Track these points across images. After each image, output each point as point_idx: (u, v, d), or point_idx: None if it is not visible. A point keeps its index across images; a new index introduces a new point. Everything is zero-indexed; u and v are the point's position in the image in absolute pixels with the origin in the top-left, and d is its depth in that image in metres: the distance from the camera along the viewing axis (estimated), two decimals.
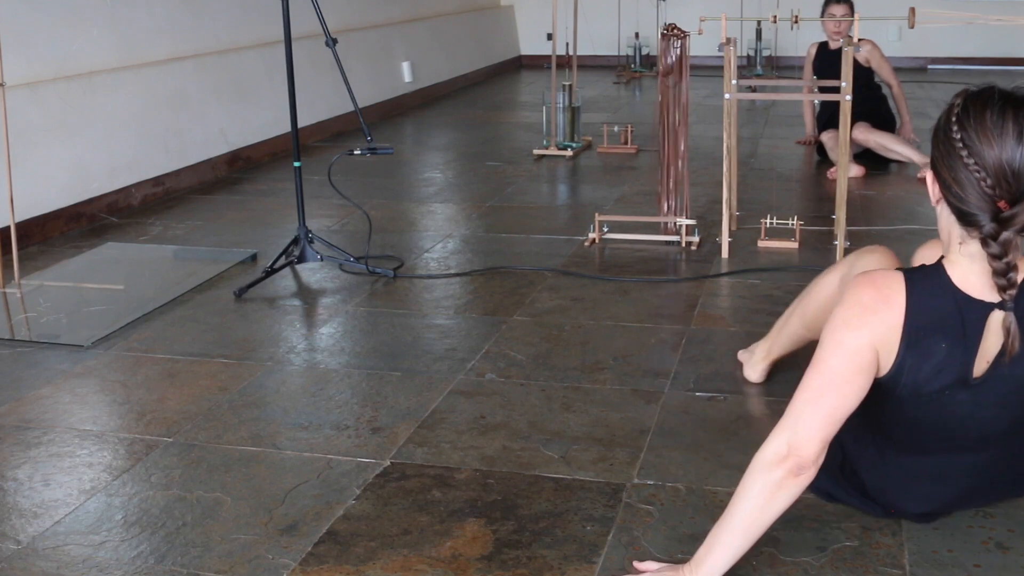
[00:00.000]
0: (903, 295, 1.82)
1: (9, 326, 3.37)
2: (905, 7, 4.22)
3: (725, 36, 4.09)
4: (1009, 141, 1.70)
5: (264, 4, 5.95)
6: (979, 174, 1.71)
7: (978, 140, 1.72)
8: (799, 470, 1.80)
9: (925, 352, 1.83)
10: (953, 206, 1.78)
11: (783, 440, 1.81)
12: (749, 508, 1.83)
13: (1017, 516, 2.11)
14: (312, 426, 2.60)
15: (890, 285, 1.84)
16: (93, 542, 2.11)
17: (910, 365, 1.84)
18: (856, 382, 1.83)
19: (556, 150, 5.91)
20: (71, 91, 4.66)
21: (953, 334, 1.82)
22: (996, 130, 1.71)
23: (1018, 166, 1.70)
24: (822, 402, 1.81)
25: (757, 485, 1.82)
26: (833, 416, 1.82)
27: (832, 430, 1.83)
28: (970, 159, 1.72)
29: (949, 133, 1.76)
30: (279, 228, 4.46)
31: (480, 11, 9.95)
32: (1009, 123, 1.71)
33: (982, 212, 1.73)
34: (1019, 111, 1.71)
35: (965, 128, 1.74)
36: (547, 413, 2.64)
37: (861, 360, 1.82)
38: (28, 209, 4.21)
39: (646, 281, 3.67)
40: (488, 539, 2.08)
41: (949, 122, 1.77)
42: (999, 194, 1.71)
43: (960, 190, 1.74)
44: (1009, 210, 1.71)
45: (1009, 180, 1.70)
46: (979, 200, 1.73)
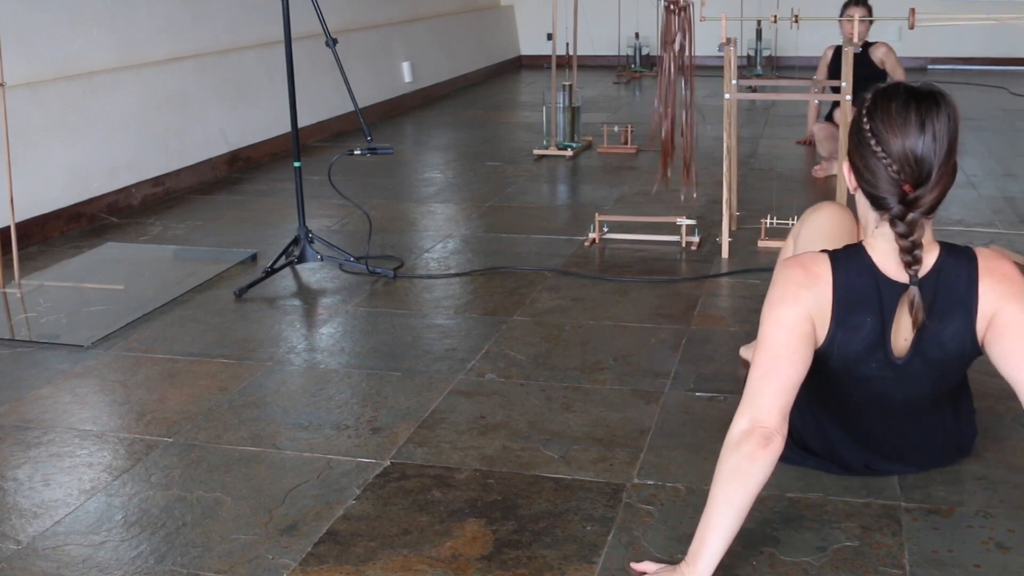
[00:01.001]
0: (830, 273, 1.99)
1: (9, 326, 3.37)
2: (905, 7, 4.22)
3: (725, 36, 4.09)
4: (912, 131, 1.87)
5: (264, 4, 5.95)
6: (886, 160, 1.89)
7: (885, 130, 1.89)
8: (766, 440, 1.87)
9: (853, 327, 1.99)
10: (866, 192, 1.96)
11: (745, 418, 1.90)
12: (728, 488, 1.86)
13: (1017, 516, 2.11)
14: (312, 426, 2.60)
15: (817, 264, 2.00)
16: (93, 542, 2.11)
17: (840, 340, 2.00)
18: (800, 351, 1.96)
19: (556, 150, 5.91)
20: (71, 91, 4.66)
21: (875, 310, 1.99)
22: (900, 120, 1.88)
23: (920, 153, 1.87)
24: (772, 375, 1.92)
25: (730, 463, 1.87)
26: (785, 386, 1.92)
27: (788, 399, 1.92)
28: (878, 147, 1.90)
29: (860, 125, 1.94)
30: (279, 228, 4.46)
31: (480, 11, 9.95)
32: (912, 115, 1.88)
33: (891, 196, 1.91)
34: (920, 104, 1.89)
35: (874, 120, 1.91)
36: (547, 413, 2.64)
37: (801, 330, 1.96)
38: (28, 209, 4.21)
39: (646, 281, 3.67)
40: (488, 539, 2.08)
41: (860, 116, 1.94)
42: (904, 178, 1.89)
43: (871, 176, 1.92)
44: (913, 192, 1.89)
45: (912, 166, 1.88)
46: (888, 185, 1.90)
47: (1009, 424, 2.50)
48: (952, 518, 2.11)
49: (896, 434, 2.20)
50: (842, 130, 3.97)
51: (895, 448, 2.23)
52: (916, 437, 2.22)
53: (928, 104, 1.88)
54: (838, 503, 2.17)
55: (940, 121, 1.87)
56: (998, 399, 2.60)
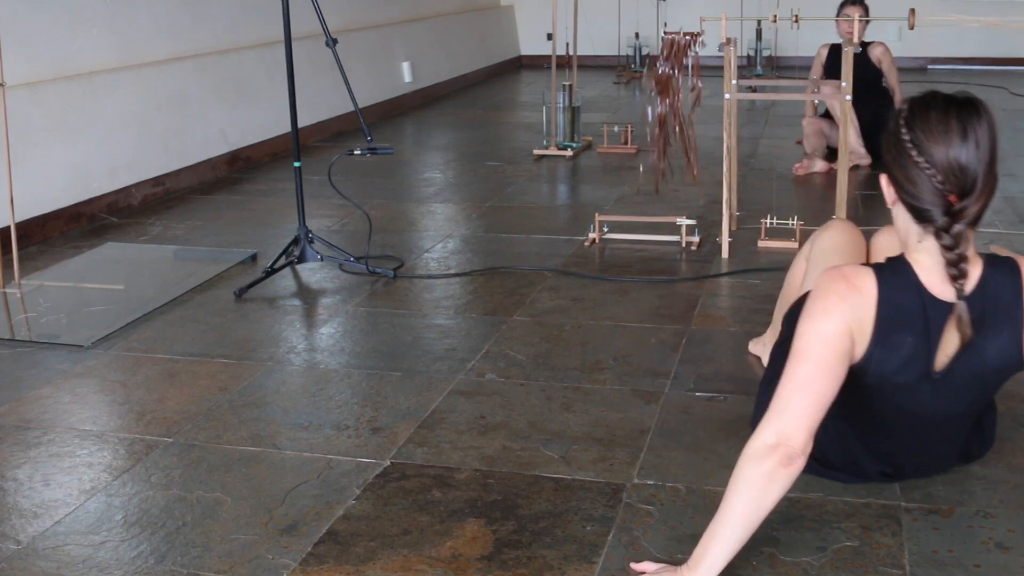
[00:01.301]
0: (875, 288, 1.92)
1: (9, 326, 3.37)
2: (905, 7, 4.22)
3: (725, 36, 4.09)
4: (954, 139, 1.82)
5: (264, 4, 5.95)
6: (929, 171, 1.83)
7: (926, 140, 1.84)
8: (789, 460, 1.82)
9: (892, 346, 1.93)
10: (908, 204, 1.89)
11: (772, 431, 1.84)
12: (742, 501, 1.83)
13: (1017, 516, 2.11)
14: (312, 426, 2.60)
15: (861, 278, 1.93)
16: (93, 542, 2.11)
17: (878, 357, 1.94)
18: (838, 368, 1.90)
19: (556, 150, 5.91)
20: (71, 91, 4.66)
21: (918, 330, 1.92)
22: (942, 128, 1.83)
23: (964, 162, 1.82)
24: (807, 390, 1.86)
25: (748, 477, 1.83)
26: (819, 403, 1.87)
27: (818, 418, 1.87)
28: (920, 158, 1.84)
29: (899, 136, 1.88)
30: (279, 228, 4.46)
31: (480, 11, 9.95)
32: (953, 123, 1.83)
33: (935, 207, 1.85)
34: (961, 112, 1.85)
35: (913, 130, 1.86)
36: (547, 413, 2.64)
37: (841, 346, 1.90)
38: (28, 209, 4.22)
39: (646, 281, 3.67)
40: (488, 539, 2.08)
41: (898, 127, 1.89)
42: (949, 188, 1.83)
43: (914, 188, 1.86)
44: (959, 203, 1.83)
45: (957, 175, 1.82)
46: (932, 196, 1.84)
47: (1009, 424, 2.50)
48: (952, 518, 2.11)
49: (921, 448, 2.15)
50: (842, 130, 3.97)
51: (916, 461, 2.19)
52: (939, 450, 2.18)
53: (969, 112, 1.85)
54: (838, 503, 2.17)
55: (982, 129, 1.84)
56: (998, 399, 2.60)
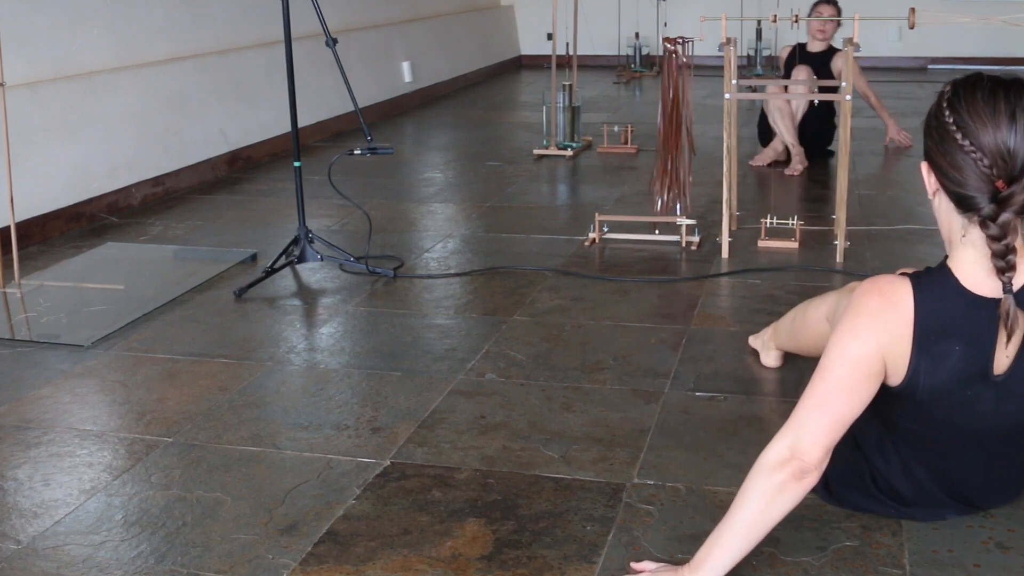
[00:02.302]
0: (911, 300, 1.81)
1: (9, 326, 3.37)
2: (905, 7, 4.22)
3: (725, 36, 4.09)
4: (1003, 120, 1.71)
5: (264, 4, 5.95)
6: (976, 155, 1.72)
7: (972, 122, 1.73)
8: (802, 474, 1.80)
9: (938, 356, 1.83)
10: (952, 192, 1.78)
11: (786, 444, 1.81)
12: (750, 511, 1.82)
13: (1017, 516, 2.11)
14: (312, 426, 2.60)
15: (897, 291, 1.83)
16: (93, 542, 2.10)
17: (925, 369, 1.84)
18: (862, 389, 1.83)
19: (556, 150, 5.91)
20: (71, 91, 4.66)
21: (966, 336, 1.82)
22: (989, 110, 1.72)
23: (1013, 145, 1.70)
24: (827, 408, 1.81)
25: (759, 488, 1.82)
26: (838, 423, 1.82)
27: (836, 436, 1.82)
28: (965, 141, 1.73)
29: (942, 119, 1.77)
30: (279, 228, 4.46)
31: (480, 11, 9.95)
32: (1001, 103, 1.72)
33: (981, 194, 1.73)
34: (1009, 92, 1.73)
35: (958, 112, 1.75)
36: (547, 413, 2.64)
37: (868, 368, 1.82)
38: (28, 209, 4.21)
39: (646, 281, 3.67)
40: (488, 539, 2.08)
41: (941, 109, 1.78)
42: (996, 174, 1.72)
43: (958, 174, 1.75)
44: (1007, 189, 1.71)
45: (1005, 159, 1.71)
46: (977, 182, 1.73)
47: None
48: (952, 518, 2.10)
49: (993, 469, 2.01)
50: (842, 130, 3.96)
51: (991, 484, 2.04)
52: (1013, 470, 2.04)
53: (1017, 93, 1.73)
54: None
55: None
56: None
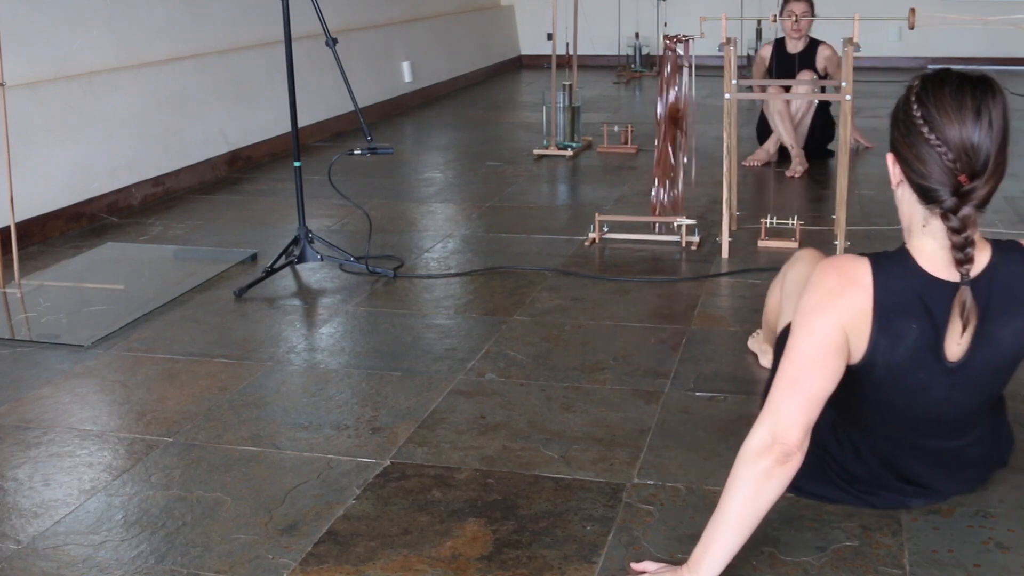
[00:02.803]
0: (870, 278, 1.87)
1: (9, 326, 3.37)
2: (905, 7, 4.22)
3: (725, 36, 4.09)
4: (968, 117, 1.76)
5: (264, 4, 5.95)
6: (940, 148, 1.77)
7: (938, 117, 1.78)
8: (785, 458, 1.82)
9: (897, 334, 1.88)
10: (915, 184, 1.83)
11: (766, 430, 1.83)
12: (740, 500, 1.83)
13: (1017, 516, 2.11)
14: (312, 426, 2.60)
15: (856, 269, 1.88)
16: (93, 542, 2.11)
17: (884, 347, 1.89)
18: (830, 365, 1.86)
19: (556, 150, 5.91)
20: (71, 91, 4.66)
21: (922, 315, 1.87)
22: (955, 106, 1.77)
23: (976, 141, 1.76)
24: (799, 387, 1.84)
25: (745, 476, 1.83)
26: (811, 400, 1.84)
27: (813, 415, 1.85)
28: (931, 135, 1.78)
29: (910, 112, 1.82)
30: (279, 228, 4.46)
31: (480, 11, 9.95)
32: (967, 99, 1.77)
33: (943, 187, 1.79)
34: (975, 89, 1.78)
35: (926, 106, 1.79)
36: (547, 413, 2.64)
37: (832, 343, 1.86)
38: (28, 209, 4.21)
39: (646, 281, 3.67)
40: (488, 539, 2.08)
41: (909, 102, 1.83)
42: (960, 168, 1.77)
43: (923, 167, 1.80)
44: (969, 184, 1.77)
45: (969, 154, 1.76)
46: (941, 175, 1.78)
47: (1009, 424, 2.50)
48: (952, 518, 2.10)
49: (945, 456, 2.06)
50: (842, 129, 3.97)
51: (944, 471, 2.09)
52: (964, 455, 2.08)
53: (983, 90, 1.78)
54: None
55: (996, 109, 1.77)
56: None
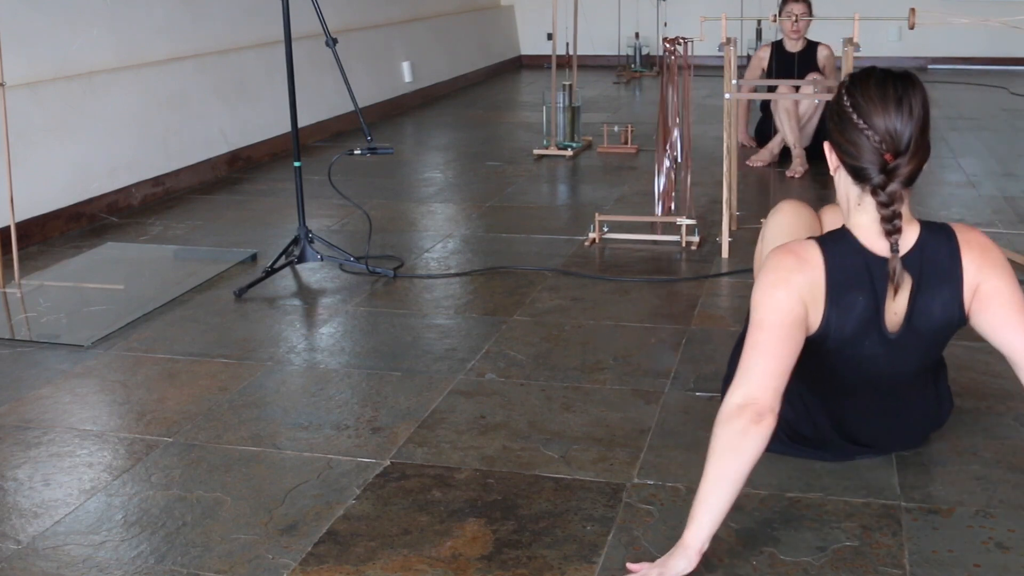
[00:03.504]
0: (820, 257, 2.07)
1: (9, 326, 3.37)
2: (905, 7, 4.22)
3: (725, 36, 4.09)
4: (891, 104, 1.99)
5: (264, 4, 5.95)
6: (868, 132, 2.00)
7: (865, 104, 2.01)
8: (759, 417, 1.92)
9: (846, 307, 2.07)
10: (848, 166, 2.05)
11: (740, 393, 1.95)
12: (720, 463, 1.91)
13: (1017, 516, 2.11)
14: (312, 426, 2.60)
15: (808, 251, 2.08)
16: (93, 542, 2.11)
17: (835, 321, 2.08)
18: (794, 334, 2.03)
19: (556, 150, 5.91)
20: (71, 91, 4.66)
21: (866, 289, 2.07)
22: (879, 94, 2.01)
23: (899, 126, 1.99)
24: (767, 355, 1.98)
25: (723, 439, 1.92)
26: (780, 367, 1.98)
27: (782, 380, 1.98)
28: (860, 120, 2.01)
29: (842, 104, 2.05)
30: (279, 228, 4.46)
31: (480, 11, 9.95)
32: (890, 90, 2.01)
33: (872, 166, 2.01)
34: (896, 81, 2.03)
35: (854, 96, 2.03)
36: (547, 413, 2.64)
37: (794, 314, 2.03)
38: (28, 209, 4.21)
39: (646, 281, 3.67)
40: (488, 539, 2.08)
41: (841, 96, 2.06)
42: (886, 148, 1.99)
43: (854, 149, 2.02)
44: (894, 161, 1.99)
45: (893, 136, 1.99)
46: (870, 155, 2.00)
47: (1009, 424, 2.50)
48: (952, 518, 2.11)
49: (885, 415, 2.28)
50: None
51: (885, 429, 2.30)
52: (904, 416, 2.30)
53: (904, 82, 2.03)
54: (838, 503, 2.17)
55: (916, 97, 2.01)
56: (998, 399, 2.61)
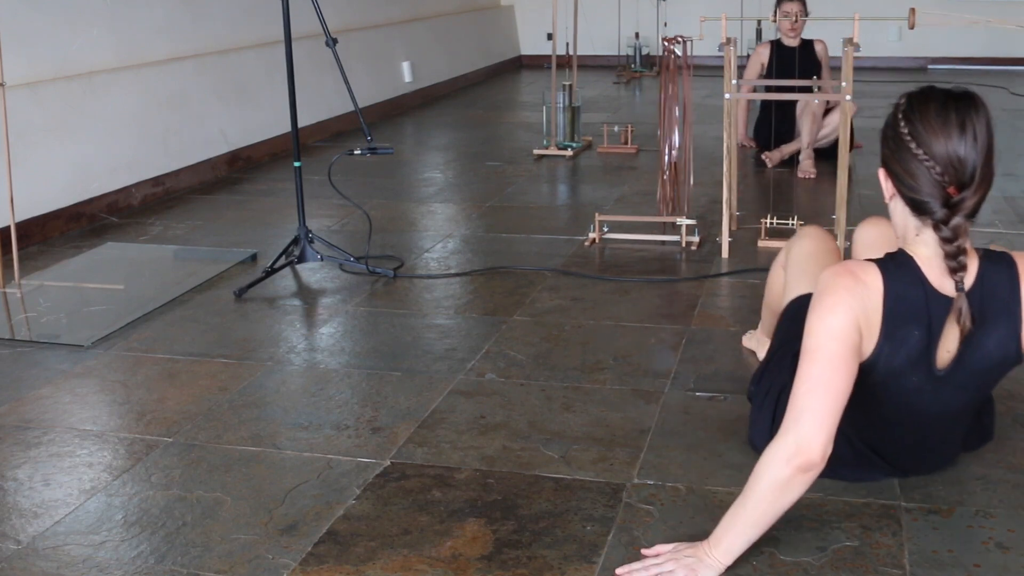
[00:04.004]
0: (881, 284, 1.93)
1: (9, 326, 3.37)
2: (905, 7, 4.22)
3: (725, 36, 4.09)
4: (954, 131, 1.84)
5: (264, 4, 5.95)
6: (929, 163, 1.85)
7: (925, 132, 1.86)
8: (808, 467, 1.85)
9: (900, 341, 1.94)
10: (907, 197, 1.91)
11: (791, 439, 1.86)
12: (760, 503, 1.88)
13: (1017, 516, 2.11)
14: (312, 426, 2.60)
15: (868, 273, 1.94)
16: (93, 542, 2.11)
17: (887, 352, 1.95)
18: (851, 363, 1.90)
19: (556, 150, 5.91)
20: (71, 91, 4.66)
21: (922, 324, 1.94)
22: (940, 121, 1.85)
23: (963, 154, 1.84)
24: (822, 390, 1.87)
25: (767, 480, 1.87)
26: (835, 402, 1.87)
27: (836, 418, 1.87)
28: (919, 150, 1.86)
29: (898, 130, 1.90)
30: (279, 228, 4.46)
31: (480, 11, 9.95)
32: (952, 115, 1.85)
33: (934, 199, 1.87)
34: (959, 104, 1.87)
35: (912, 123, 1.88)
36: (547, 413, 2.64)
37: (850, 340, 1.90)
38: (28, 209, 4.21)
39: (646, 281, 3.67)
40: (488, 539, 2.08)
41: (897, 120, 1.91)
42: (948, 180, 1.85)
43: (913, 180, 1.88)
44: (958, 195, 1.85)
45: (956, 167, 1.84)
46: (930, 188, 1.86)
47: (1009, 424, 2.50)
48: (952, 518, 2.11)
49: (924, 447, 2.17)
50: (841, 130, 3.97)
51: (920, 459, 2.21)
52: (941, 447, 2.20)
53: (967, 105, 1.87)
54: (838, 503, 2.17)
55: (980, 122, 1.85)
56: (998, 399, 2.60)
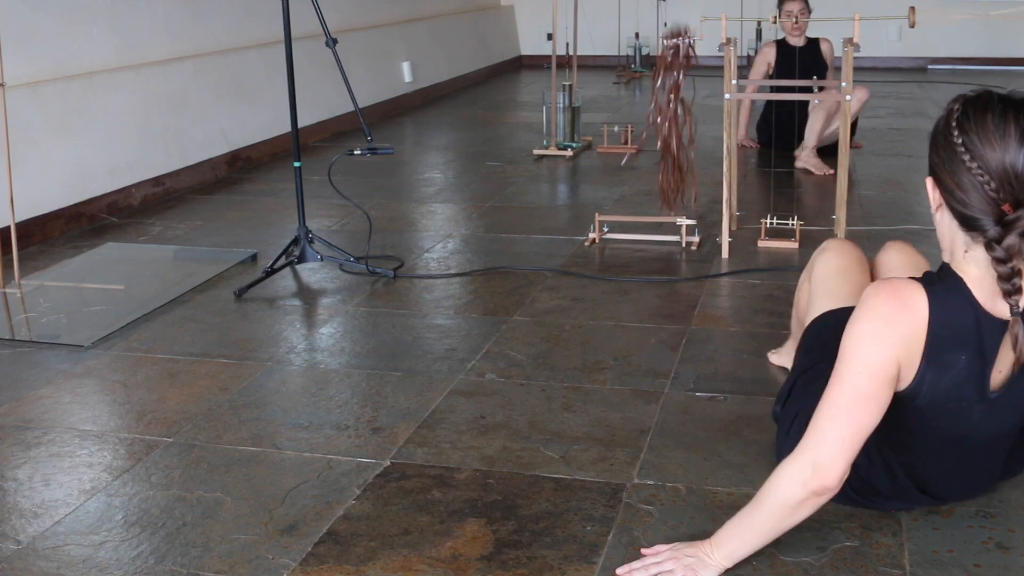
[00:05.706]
0: (926, 308, 1.79)
1: (9, 326, 3.37)
2: (905, 7, 4.22)
3: (725, 36, 4.09)
4: (1012, 144, 1.68)
5: (264, 4, 5.95)
6: (982, 178, 1.70)
7: (980, 143, 1.70)
8: (822, 491, 1.81)
9: (945, 366, 1.82)
10: (956, 211, 1.76)
11: (808, 460, 1.80)
12: (769, 518, 1.87)
13: (1017, 516, 2.11)
14: (312, 426, 2.60)
15: (912, 296, 1.80)
16: (93, 542, 2.11)
17: (930, 379, 1.83)
18: (880, 397, 1.81)
19: (556, 150, 5.91)
20: (71, 91, 4.65)
21: (971, 349, 1.81)
22: (999, 133, 1.69)
23: (1021, 169, 1.67)
24: (846, 420, 1.79)
25: (778, 500, 1.85)
26: (858, 434, 1.80)
27: (856, 448, 1.81)
28: (973, 163, 1.70)
29: (950, 137, 1.74)
30: (279, 228, 4.46)
31: (480, 11, 9.95)
32: (1011, 126, 1.69)
33: (986, 216, 1.71)
34: (1020, 114, 1.69)
35: (967, 132, 1.71)
36: (547, 413, 2.64)
37: (885, 374, 1.80)
38: (28, 209, 4.21)
39: (646, 281, 3.67)
40: (488, 539, 2.08)
41: (949, 126, 1.75)
42: (1003, 197, 1.69)
43: (963, 194, 1.73)
44: (1013, 213, 1.69)
45: (1012, 183, 1.68)
46: (983, 204, 1.71)
47: None
48: (952, 518, 2.10)
49: (966, 471, 2.05)
50: (841, 130, 3.97)
51: (961, 483, 2.10)
52: (983, 471, 2.08)
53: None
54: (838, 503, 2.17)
55: None
56: None
